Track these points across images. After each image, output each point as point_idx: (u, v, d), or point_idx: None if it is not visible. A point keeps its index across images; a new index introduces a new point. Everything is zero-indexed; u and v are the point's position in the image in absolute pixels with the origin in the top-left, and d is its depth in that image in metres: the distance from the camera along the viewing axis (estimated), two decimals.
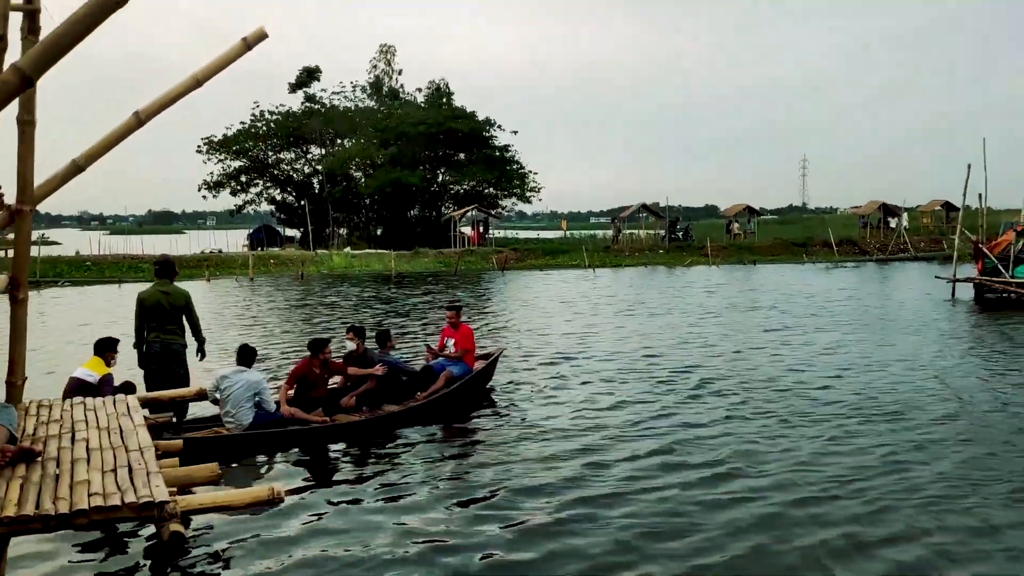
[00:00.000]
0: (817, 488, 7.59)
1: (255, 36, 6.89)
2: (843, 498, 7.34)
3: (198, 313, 9.67)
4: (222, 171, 61.78)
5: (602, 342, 17.07)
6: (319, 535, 6.33)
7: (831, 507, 7.12)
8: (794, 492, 7.47)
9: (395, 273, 40.59)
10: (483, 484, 7.90)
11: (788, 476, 7.90)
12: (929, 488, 7.64)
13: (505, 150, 61.79)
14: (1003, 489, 7.67)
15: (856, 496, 7.38)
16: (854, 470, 8.15)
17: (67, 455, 5.14)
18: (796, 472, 8.05)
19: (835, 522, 6.77)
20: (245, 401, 9.04)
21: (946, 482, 7.82)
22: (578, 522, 6.85)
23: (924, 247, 53.19)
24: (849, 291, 29.52)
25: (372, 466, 8.53)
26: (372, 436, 9.68)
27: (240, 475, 8.02)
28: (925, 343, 16.91)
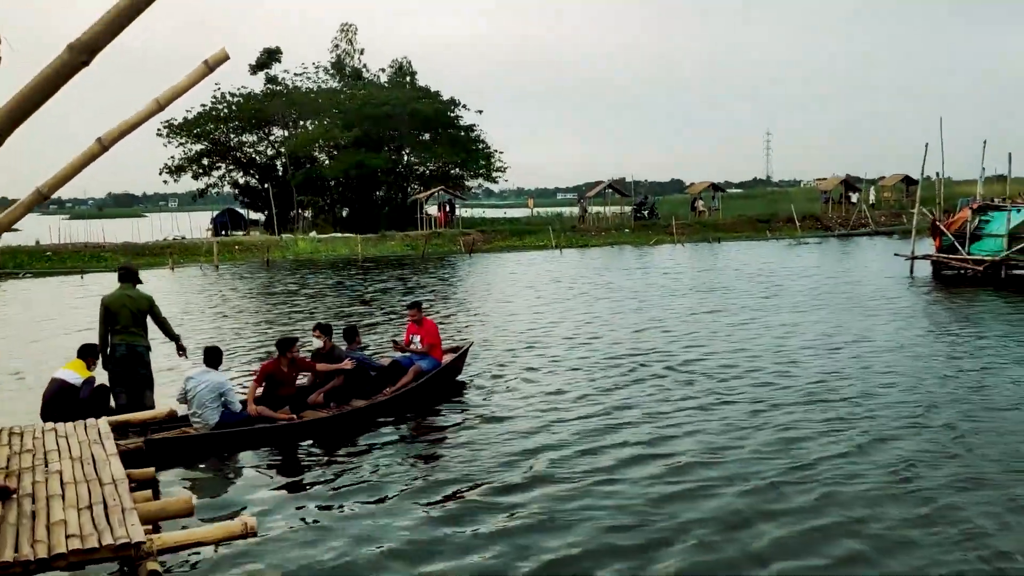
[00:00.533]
0: (763, 479, 7.98)
1: (216, 59, 6.88)
2: (789, 485, 7.72)
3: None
4: (183, 155, 60.93)
5: (567, 331, 17.30)
6: (287, 535, 6.61)
7: (776, 496, 7.50)
8: (743, 483, 7.85)
9: (362, 258, 40.49)
10: (450, 480, 8.21)
11: (739, 468, 8.21)
12: (871, 475, 8.04)
13: (470, 130, 61.59)
14: (949, 472, 8.10)
15: (800, 483, 7.80)
16: (801, 458, 8.55)
17: (42, 490, 5.22)
18: (747, 461, 8.40)
19: (780, 512, 7.12)
20: (210, 402, 9.24)
21: (891, 467, 8.21)
22: (540, 517, 7.19)
23: (885, 221, 54.05)
24: (810, 270, 30.04)
25: (340, 463, 8.77)
26: (340, 432, 9.94)
27: (209, 477, 8.24)
28: (881, 324, 17.43)
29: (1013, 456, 8.64)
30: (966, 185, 57.17)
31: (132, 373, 9.67)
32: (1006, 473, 8.10)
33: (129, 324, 9.71)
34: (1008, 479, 7.94)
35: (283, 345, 10.55)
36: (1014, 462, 8.45)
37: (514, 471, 8.38)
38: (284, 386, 10.46)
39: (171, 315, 20.78)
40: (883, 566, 6.13)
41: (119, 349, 9.65)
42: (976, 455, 8.70)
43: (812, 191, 74.26)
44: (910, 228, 30.37)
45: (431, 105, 58.75)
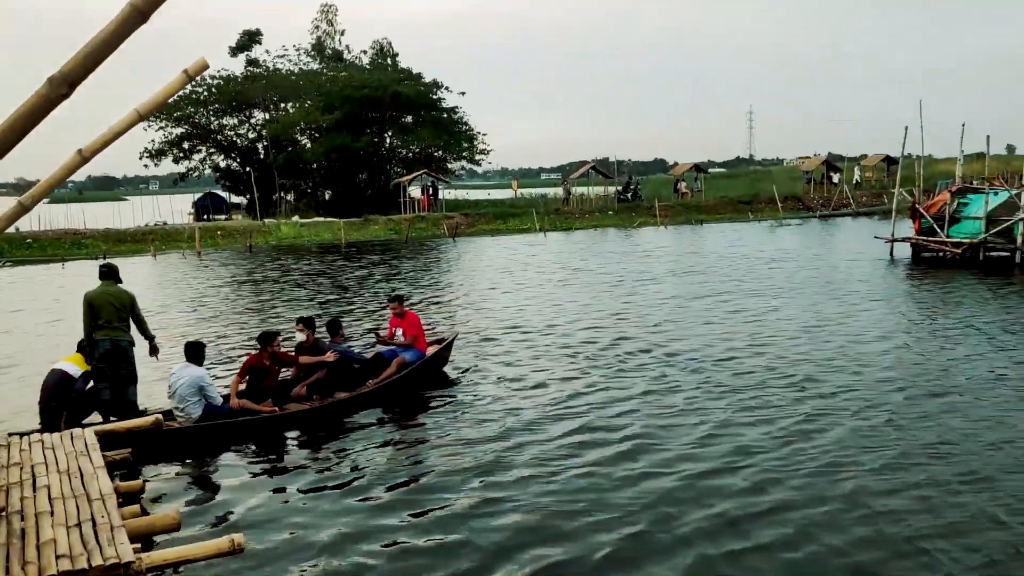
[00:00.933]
0: (720, 461, 8.37)
1: (196, 68, 6.89)
2: (744, 468, 8.02)
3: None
4: (164, 138, 60.35)
5: (551, 318, 17.41)
6: (269, 527, 6.83)
7: (733, 479, 7.74)
8: (703, 463, 8.29)
9: (345, 243, 40.39)
10: (433, 473, 8.39)
11: (727, 461, 8.36)
12: (822, 457, 8.34)
13: (453, 112, 61.31)
14: (899, 452, 8.48)
15: (754, 467, 8.12)
16: (764, 443, 8.86)
17: (30, 506, 5.28)
18: (717, 449, 8.60)
19: (733, 493, 7.39)
20: (191, 396, 9.48)
21: (841, 451, 8.52)
22: (518, 502, 7.49)
23: (866, 201, 54.40)
24: (790, 252, 30.29)
25: (323, 458, 8.96)
26: (323, 424, 10.16)
27: (193, 475, 8.42)
28: (858, 307, 17.86)
29: (975, 436, 9.10)
30: (947, 163, 57.63)
31: (115, 368, 9.76)
32: (970, 454, 8.51)
33: (112, 320, 9.81)
34: (971, 458, 8.37)
35: (264, 339, 10.69)
36: (975, 442, 8.91)
37: (499, 463, 8.58)
38: (267, 379, 10.59)
39: (154, 305, 21.09)
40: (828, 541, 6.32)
41: (103, 344, 9.73)
42: (942, 434, 9.18)
43: (794, 170, 74.62)
44: (891, 209, 30.61)
45: (413, 87, 58.38)
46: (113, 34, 4.09)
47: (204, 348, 10.23)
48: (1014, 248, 24.87)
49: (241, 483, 8.16)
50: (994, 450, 8.66)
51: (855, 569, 6.16)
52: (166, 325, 17.45)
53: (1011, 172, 54.86)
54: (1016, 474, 7.95)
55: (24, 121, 4.14)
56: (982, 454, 8.55)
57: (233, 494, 7.82)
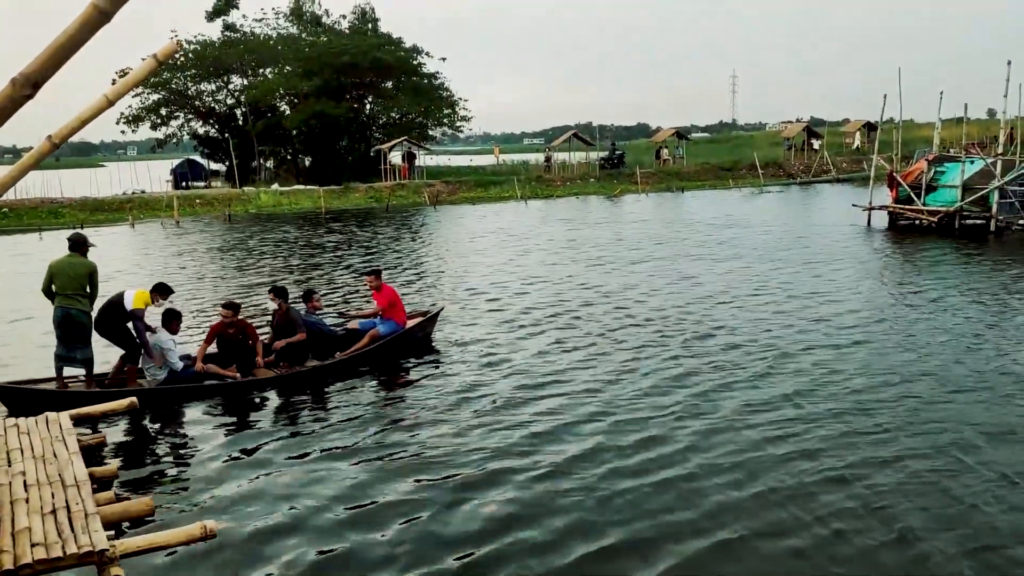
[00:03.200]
0: (695, 436, 8.43)
1: (166, 52, 6.87)
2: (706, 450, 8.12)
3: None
4: (140, 104, 59.54)
5: (530, 289, 17.55)
6: (241, 507, 7.06)
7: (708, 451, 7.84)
8: (682, 439, 8.17)
9: (325, 211, 40.21)
10: (406, 446, 8.62)
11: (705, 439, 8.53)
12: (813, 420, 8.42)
13: (433, 78, 60.75)
14: (864, 416, 8.75)
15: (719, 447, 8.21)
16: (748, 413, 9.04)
17: (5, 494, 5.37)
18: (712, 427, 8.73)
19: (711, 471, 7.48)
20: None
21: (804, 413, 8.65)
22: (477, 485, 7.60)
23: (847, 167, 54.66)
24: (769, 219, 30.50)
25: (294, 430, 9.25)
26: (291, 391, 10.55)
27: (164, 453, 8.68)
28: (834, 274, 18.26)
29: (942, 400, 9.54)
30: (928, 128, 57.87)
31: (69, 335, 10.16)
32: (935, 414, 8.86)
33: (67, 289, 10.11)
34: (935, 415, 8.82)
35: (225, 307, 11.22)
36: (943, 406, 9.33)
37: (475, 439, 8.75)
38: (232, 346, 10.99)
39: (134, 275, 21.06)
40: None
41: (56, 312, 10.14)
42: (909, 399, 9.54)
43: (776, 136, 74.69)
44: (870, 175, 30.81)
45: (393, 53, 57.71)
46: (76, 35, 4.09)
47: (178, 316, 10.73)
48: (989, 216, 25.16)
49: (213, 462, 8.28)
50: (961, 407, 9.15)
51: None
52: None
53: (990, 137, 55.14)
54: (990, 436, 8.28)
55: None
56: (949, 414, 8.95)
57: (206, 474, 7.94)
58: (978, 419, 8.86)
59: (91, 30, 4.11)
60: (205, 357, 10.89)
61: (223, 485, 7.66)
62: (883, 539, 6.36)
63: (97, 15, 4.08)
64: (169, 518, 6.78)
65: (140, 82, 7.94)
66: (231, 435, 9.19)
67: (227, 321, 11.03)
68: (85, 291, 10.23)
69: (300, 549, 6.38)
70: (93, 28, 4.12)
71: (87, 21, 4.08)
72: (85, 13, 4.08)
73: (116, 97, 6.80)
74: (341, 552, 6.37)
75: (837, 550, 6.22)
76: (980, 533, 6.44)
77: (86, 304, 10.25)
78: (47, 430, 6.45)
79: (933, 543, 6.28)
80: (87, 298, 10.25)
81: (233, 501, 7.28)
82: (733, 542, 6.40)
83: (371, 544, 6.47)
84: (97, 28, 4.12)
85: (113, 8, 4.10)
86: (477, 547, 6.38)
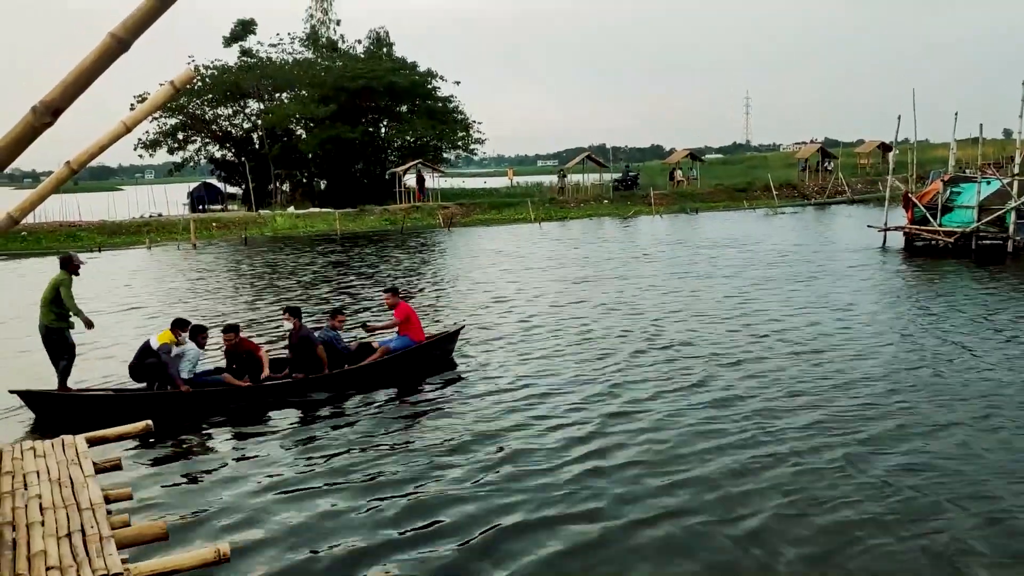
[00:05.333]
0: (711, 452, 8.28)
1: (183, 79, 6.97)
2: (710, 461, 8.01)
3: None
4: (158, 129, 60.21)
5: (543, 312, 17.50)
6: (255, 528, 7.10)
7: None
8: (702, 459, 8.10)
9: (340, 234, 40.43)
10: (415, 461, 8.74)
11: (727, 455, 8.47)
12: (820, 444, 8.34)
13: (448, 101, 61.20)
14: (890, 432, 8.56)
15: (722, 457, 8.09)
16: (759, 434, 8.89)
17: (22, 516, 5.40)
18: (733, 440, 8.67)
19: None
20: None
21: (823, 435, 8.54)
22: (502, 497, 7.69)
23: (862, 188, 54.52)
24: (785, 241, 30.39)
25: (306, 445, 9.46)
26: (301, 406, 10.94)
27: (179, 473, 8.79)
28: (850, 297, 18.07)
29: (959, 422, 9.46)
30: (943, 149, 57.67)
31: (47, 346, 11.09)
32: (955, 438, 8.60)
33: (42, 304, 10.99)
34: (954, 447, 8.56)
35: (224, 332, 11.96)
36: (960, 429, 9.25)
37: (479, 456, 8.83)
38: (242, 364, 11.61)
39: (149, 294, 21.31)
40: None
41: (40, 328, 11.12)
42: (924, 422, 9.48)
43: (790, 157, 74.66)
44: (885, 196, 30.68)
45: (408, 77, 58.23)
46: (95, 63, 4.16)
47: (204, 330, 11.51)
48: (1006, 237, 24.99)
49: (226, 482, 8.34)
50: (980, 432, 8.97)
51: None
52: (157, 314, 18.32)
53: (1006, 157, 54.88)
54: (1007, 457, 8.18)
55: (10, 149, 4.20)
56: (969, 436, 8.85)
57: (219, 495, 7.98)
58: (991, 454, 8.70)
59: (109, 59, 4.19)
60: (223, 370, 11.64)
61: (236, 506, 7.68)
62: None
63: (115, 44, 4.15)
64: (183, 540, 6.79)
65: (158, 108, 8.07)
66: (244, 454, 9.24)
67: (232, 342, 11.61)
68: (54, 304, 10.90)
69: (313, 572, 6.37)
70: (111, 57, 4.19)
71: (105, 50, 4.15)
72: (103, 42, 4.15)
73: (134, 123, 6.90)
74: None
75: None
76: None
77: (51, 316, 10.93)
78: (63, 453, 6.50)
79: None
80: (55, 310, 10.92)
81: (247, 523, 7.29)
82: None
83: (387, 566, 6.46)
84: (116, 57, 4.20)
85: (131, 37, 4.17)
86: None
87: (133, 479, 8.19)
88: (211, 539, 6.73)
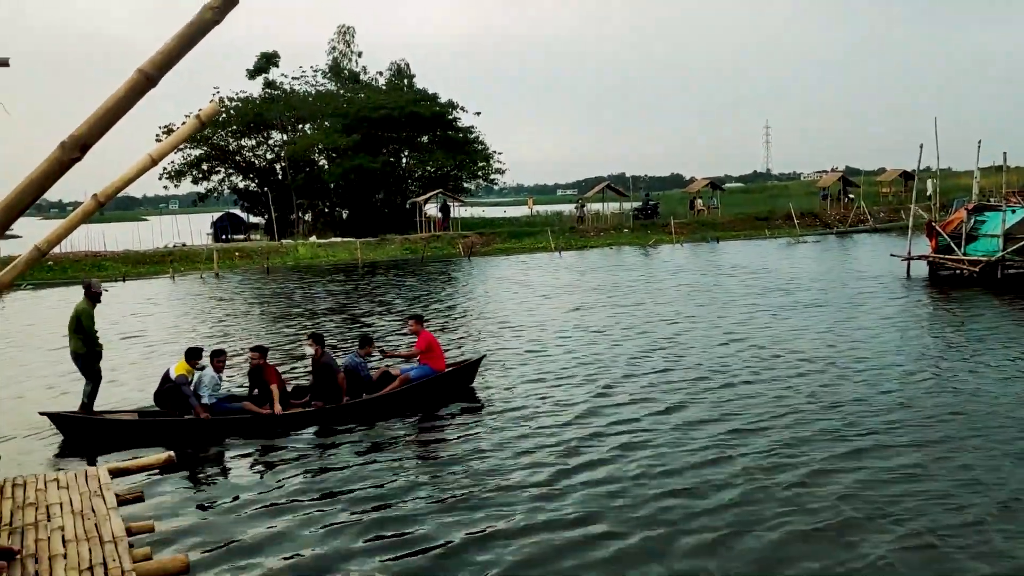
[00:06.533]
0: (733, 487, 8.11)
1: (209, 113, 7.04)
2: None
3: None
4: (183, 160, 60.99)
5: (563, 342, 17.42)
6: (263, 554, 7.11)
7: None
8: (727, 493, 7.97)
9: (361, 263, 40.64)
10: (442, 495, 8.66)
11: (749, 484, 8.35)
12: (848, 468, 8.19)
13: (468, 131, 61.64)
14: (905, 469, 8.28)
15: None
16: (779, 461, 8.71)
17: (44, 549, 5.40)
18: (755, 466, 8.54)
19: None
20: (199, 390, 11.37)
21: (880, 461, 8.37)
22: (509, 535, 7.58)
23: (884, 217, 54.18)
24: (806, 270, 30.19)
25: (326, 476, 9.47)
26: (320, 432, 11.09)
27: (200, 505, 8.78)
28: (875, 327, 17.82)
29: (990, 450, 9.38)
30: (966, 177, 57.31)
31: (82, 370, 11.63)
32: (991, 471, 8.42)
33: (70, 332, 11.64)
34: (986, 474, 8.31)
35: (252, 350, 12.26)
36: (991, 456, 9.17)
37: (494, 489, 8.77)
38: (265, 386, 11.80)
39: (169, 323, 21.50)
40: None
41: (70, 353, 11.76)
42: (955, 451, 9.33)
43: (811, 185, 74.43)
44: (908, 225, 30.45)
45: (429, 108, 58.75)
46: (123, 99, 4.23)
47: (222, 354, 11.80)
48: None
49: (245, 516, 8.30)
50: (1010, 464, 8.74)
51: None
52: (176, 339, 18.72)
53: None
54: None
55: (39, 183, 4.29)
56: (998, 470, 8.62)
57: (238, 527, 7.95)
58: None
59: (138, 94, 4.24)
60: (244, 397, 11.96)
61: (254, 538, 7.63)
62: None
63: (143, 80, 4.21)
64: (203, 574, 6.78)
65: (183, 141, 8.17)
66: (264, 486, 9.21)
67: (256, 361, 11.86)
68: (78, 332, 11.42)
69: None
70: (140, 92, 4.25)
71: (134, 86, 4.21)
72: (132, 79, 4.21)
73: (160, 156, 6.97)
74: None
75: None
76: None
77: (77, 343, 11.48)
78: (86, 484, 6.51)
79: None
80: (80, 337, 11.43)
81: (265, 555, 7.24)
82: None
83: None
84: (143, 92, 4.25)
85: (159, 73, 4.23)
86: None
87: (154, 508, 8.18)
88: (232, 574, 6.69)
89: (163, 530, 7.67)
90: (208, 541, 7.68)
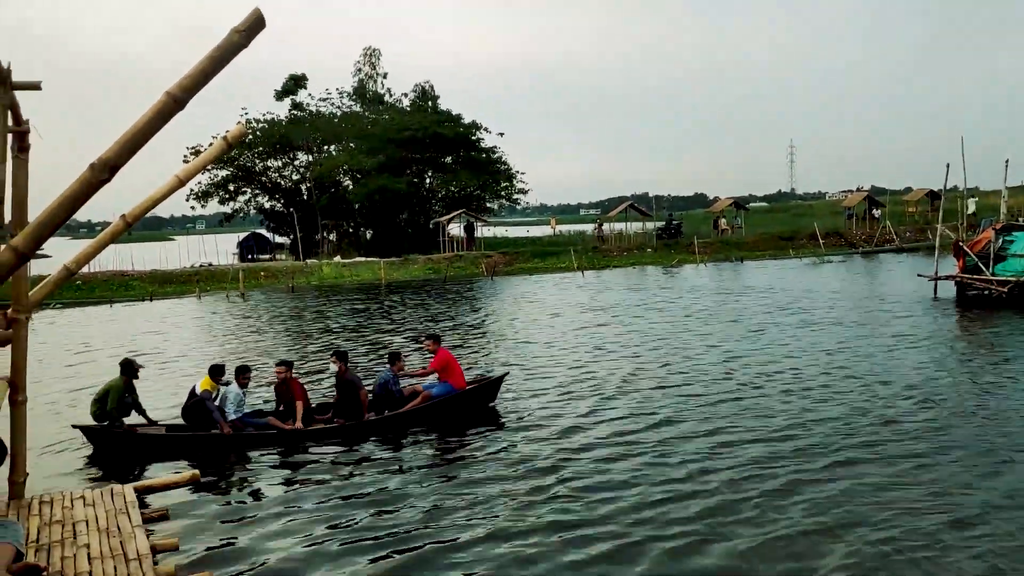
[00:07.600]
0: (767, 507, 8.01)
1: (236, 135, 7.18)
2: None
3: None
4: (210, 180, 61.81)
5: (588, 359, 17.38)
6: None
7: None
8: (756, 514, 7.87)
9: (385, 283, 40.85)
10: (467, 517, 8.59)
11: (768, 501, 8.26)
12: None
13: (492, 152, 61.99)
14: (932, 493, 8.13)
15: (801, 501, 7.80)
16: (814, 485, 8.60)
17: (70, 567, 5.46)
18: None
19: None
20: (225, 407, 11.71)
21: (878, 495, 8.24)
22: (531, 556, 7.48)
23: (910, 237, 53.70)
24: (832, 290, 29.93)
25: (337, 488, 9.59)
26: (344, 447, 11.25)
27: (225, 522, 8.76)
28: (903, 349, 17.50)
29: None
30: (993, 196, 56.77)
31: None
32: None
33: (94, 399, 11.82)
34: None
35: (278, 365, 12.44)
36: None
37: (510, 508, 8.73)
38: (289, 403, 12.05)
39: (195, 343, 21.73)
40: None
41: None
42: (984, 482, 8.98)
43: (836, 205, 73.97)
44: (934, 244, 30.17)
45: (452, 128, 59.23)
46: (151, 121, 4.31)
47: (246, 370, 12.22)
48: None
49: (270, 533, 8.29)
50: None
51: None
52: (202, 357, 18.58)
53: None
54: None
55: (69, 204, 4.38)
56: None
57: (262, 545, 7.93)
58: None
59: (165, 117, 4.33)
60: (270, 412, 12.22)
61: (278, 557, 7.63)
62: None
63: (171, 103, 4.30)
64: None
65: (211, 162, 8.30)
66: (287, 502, 9.23)
67: (282, 375, 12.05)
68: (99, 402, 11.57)
69: None
70: (168, 115, 4.34)
71: (161, 109, 4.30)
72: (160, 101, 4.30)
73: (187, 177, 7.12)
74: None
75: None
76: None
77: (94, 409, 11.58)
78: (112, 502, 6.57)
79: None
80: (97, 408, 11.56)
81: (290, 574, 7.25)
82: None
83: None
84: (171, 115, 4.34)
85: (187, 96, 4.32)
86: None
87: (179, 526, 8.21)
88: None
89: (187, 548, 7.70)
90: (231, 558, 7.70)
